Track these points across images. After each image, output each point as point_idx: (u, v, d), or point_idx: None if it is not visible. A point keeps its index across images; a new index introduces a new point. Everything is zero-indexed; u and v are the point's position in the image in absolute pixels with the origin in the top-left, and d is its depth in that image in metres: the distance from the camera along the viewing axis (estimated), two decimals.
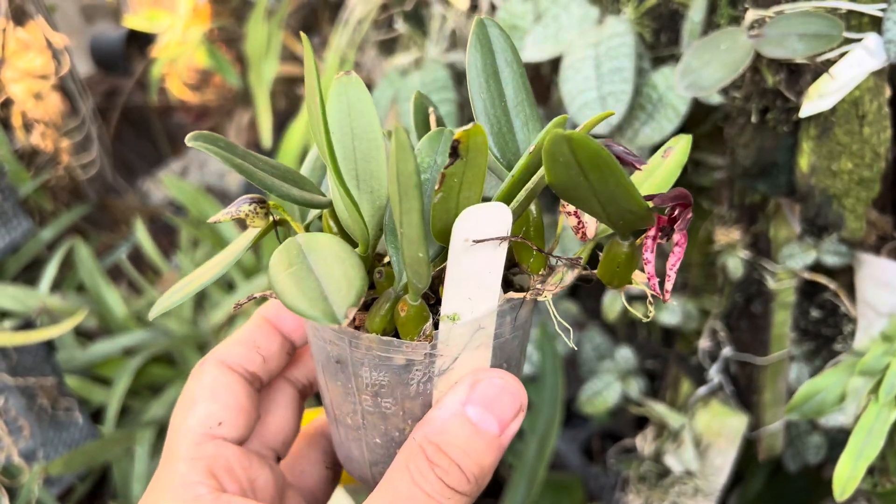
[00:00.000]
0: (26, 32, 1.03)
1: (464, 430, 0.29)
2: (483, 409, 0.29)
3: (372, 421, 0.32)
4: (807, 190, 0.53)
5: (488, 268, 0.29)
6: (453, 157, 0.27)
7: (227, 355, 0.35)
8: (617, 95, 0.60)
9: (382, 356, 0.30)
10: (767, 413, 0.68)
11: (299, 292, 0.26)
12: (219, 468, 0.32)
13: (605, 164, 0.26)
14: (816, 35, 0.46)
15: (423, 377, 0.31)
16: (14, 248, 0.95)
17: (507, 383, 0.30)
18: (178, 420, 0.33)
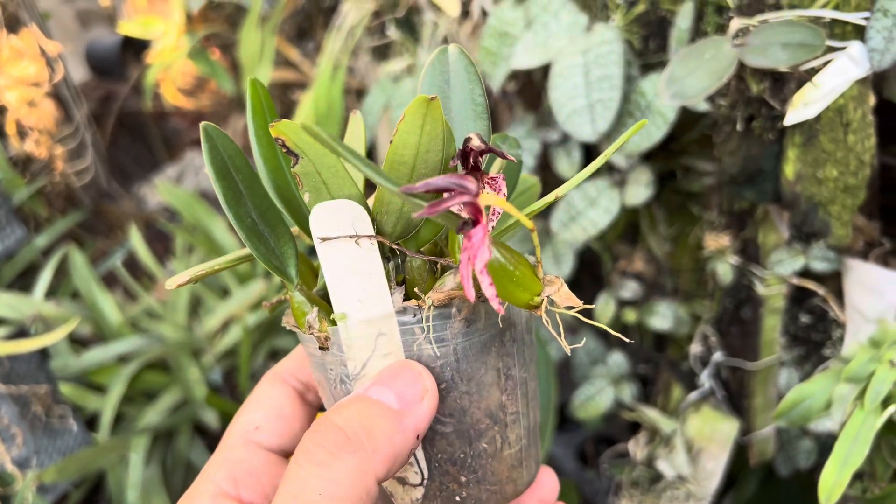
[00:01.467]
0: (20, 40, 1.04)
1: (357, 402, 0.28)
2: (381, 387, 0.29)
3: None
4: (793, 197, 0.53)
5: (365, 268, 0.28)
6: (292, 156, 0.27)
7: (281, 368, 0.36)
8: (605, 103, 0.60)
9: (308, 351, 0.31)
10: (758, 418, 0.69)
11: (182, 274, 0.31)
12: (241, 472, 0.32)
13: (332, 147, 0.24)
14: (799, 44, 0.46)
15: (336, 377, 0.31)
16: (8, 254, 0.95)
17: (409, 364, 0.29)
18: (228, 428, 0.35)
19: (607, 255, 0.82)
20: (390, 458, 0.27)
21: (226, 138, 0.30)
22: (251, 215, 0.30)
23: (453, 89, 0.32)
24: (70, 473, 0.81)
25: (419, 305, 0.29)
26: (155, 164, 1.52)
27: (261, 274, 1.00)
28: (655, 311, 0.76)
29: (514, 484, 0.33)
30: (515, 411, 0.32)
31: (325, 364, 0.31)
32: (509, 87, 0.78)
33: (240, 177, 0.30)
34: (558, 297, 0.28)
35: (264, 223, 0.31)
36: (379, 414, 0.28)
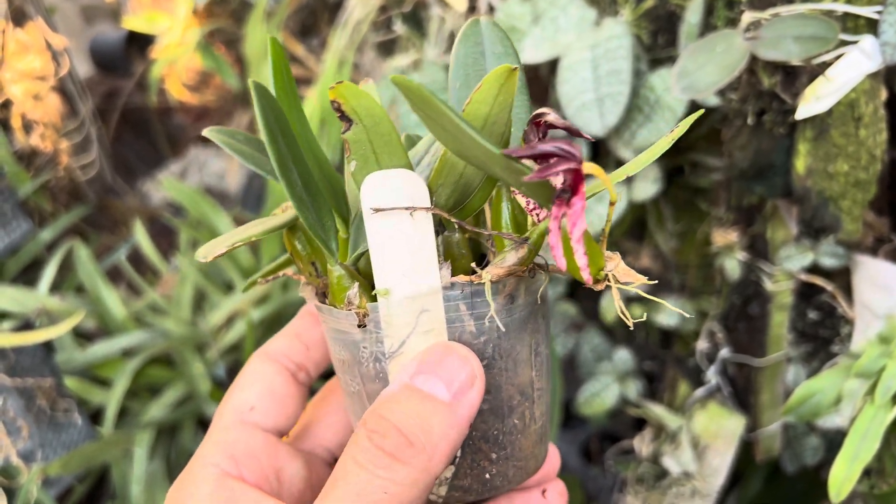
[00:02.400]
0: (26, 34, 1.03)
1: (410, 397, 0.27)
2: (428, 375, 0.28)
3: (350, 404, 0.33)
4: (803, 192, 0.53)
5: (416, 242, 0.27)
6: (345, 121, 0.26)
7: (271, 347, 0.36)
8: (614, 97, 0.60)
9: (337, 329, 0.30)
10: (765, 414, 0.68)
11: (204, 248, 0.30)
12: (240, 452, 0.32)
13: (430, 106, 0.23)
14: (812, 37, 0.46)
15: (370, 356, 0.29)
16: (13, 249, 0.95)
17: (453, 348, 0.28)
18: (219, 409, 0.34)
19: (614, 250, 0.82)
20: (448, 454, 0.27)
21: (274, 100, 0.28)
22: (298, 183, 0.29)
23: (488, 61, 0.31)
24: (74, 467, 0.80)
25: (471, 281, 0.28)
26: (159, 159, 1.52)
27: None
28: (662, 307, 0.76)
29: (536, 459, 0.33)
30: (541, 387, 0.32)
31: (357, 342, 0.30)
32: None
33: (286, 141, 0.28)
34: (618, 273, 0.28)
35: (307, 192, 0.29)
36: (433, 411, 0.27)
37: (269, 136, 0.27)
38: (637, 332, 0.85)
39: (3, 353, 0.80)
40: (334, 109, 0.26)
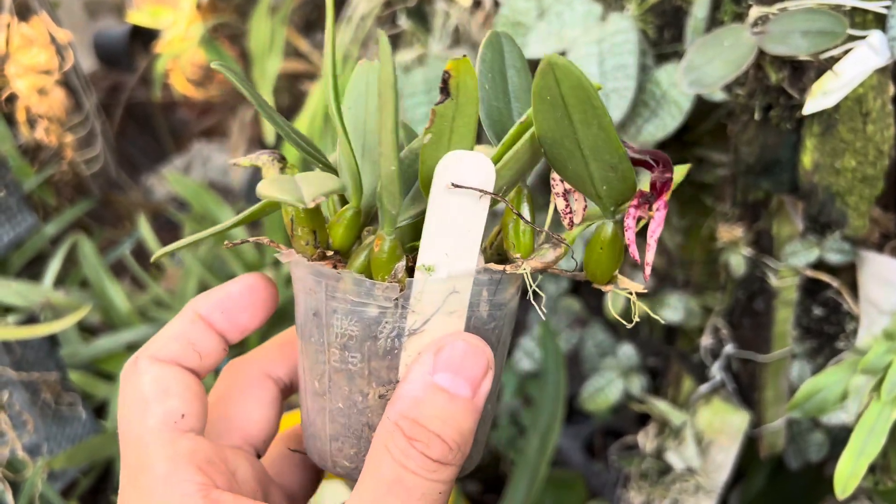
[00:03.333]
0: (30, 28, 1.04)
1: (437, 399, 0.29)
2: (452, 374, 0.29)
3: (337, 381, 0.31)
4: (810, 187, 0.53)
5: (468, 225, 0.28)
6: (444, 93, 0.27)
7: (162, 352, 0.32)
8: (620, 92, 0.60)
9: (355, 301, 0.29)
10: (769, 411, 0.68)
11: (277, 187, 0.27)
12: (202, 462, 0.30)
13: (587, 95, 0.25)
14: (820, 32, 0.46)
15: (392, 331, 0.30)
16: (18, 243, 0.95)
17: (471, 343, 0.29)
18: (133, 426, 0.31)
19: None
20: (472, 443, 0.30)
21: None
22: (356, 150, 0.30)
23: (509, 71, 0.33)
24: (79, 461, 0.81)
25: (503, 269, 0.30)
26: (163, 154, 1.52)
27: (269, 264, 1.00)
28: (666, 303, 0.76)
29: (479, 447, 0.35)
30: (499, 375, 0.34)
31: (375, 317, 0.29)
32: None
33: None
34: (619, 280, 0.31)
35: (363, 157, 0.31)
36: (462, 411, 0.29)
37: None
38: (641, 328, 0.85)
39: (9, 347, 0.81)
40: (442, 80, 0.27)
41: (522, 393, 0.91)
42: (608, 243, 0.30)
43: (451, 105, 0.27)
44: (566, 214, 0.31)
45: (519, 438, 0.91)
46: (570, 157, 0.28)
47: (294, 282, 0.33)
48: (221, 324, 0.34)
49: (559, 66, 0.25)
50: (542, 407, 0.80)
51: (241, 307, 0.34)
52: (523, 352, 0.89)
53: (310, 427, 0.34)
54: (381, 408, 0.31)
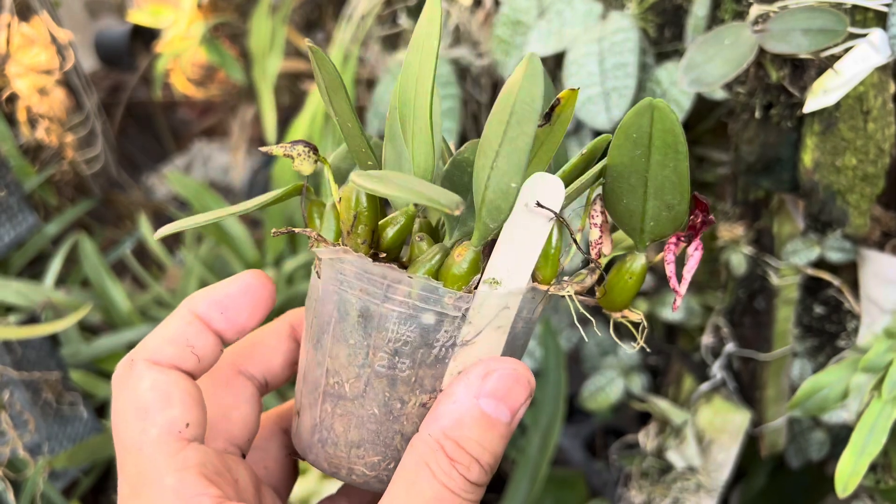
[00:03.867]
0: (31, 27, 1.04)
1: (480, 423, 0.29)
2: (497, 401, 0.29)
3: (377, 387, 0.31)
4: (810, 186, 0.53)
5: (532, 244, 0.29)
6: (547, 119, 0.29)
7: (159, 354, 0.31)
8: (620, 91, 0.60)
9: (418, 306, 0.29)
10: (770, 409, 0.68)
11: (412, 188, 0.26)
12: (211, 474, 0.29)
13: (676, 140, 0.27)
14: (821, 30, 0.45)
15: (448, 340, 0.30)
16: (19, 242, 0.95)
17: (520, 372, 0.30)
18: (132, 435, 0.29)
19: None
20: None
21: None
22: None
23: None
24: (80, 460, 0.81)
25: (548, 289, 0.31)
26: (163, 154, 1.52)
27: (269, 263, 1.00)
28: (667, 301, 0.76)
29: None
30: None
31: (433, 325, 0.30)
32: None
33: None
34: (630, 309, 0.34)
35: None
36: (500, 437, 0.30)
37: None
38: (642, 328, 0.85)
39: (10, 347, 0.81)
40: (551, 106, 0.28)
41: None
42: (637, 274, 0.32)
43: (547, 130, 0.28)
44: (596, 244, 0.32)
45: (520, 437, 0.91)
46: (631, 192, 0.29)
47: (326, 280, 0.31)
48: (220, 324, 0.33)
49: (658, 109, 0.27)
50: (543, 406, 0.80)
51: (241, 307, 0.33)
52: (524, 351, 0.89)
53: (319, 432, 0.33)
54: (417, 417, 0.31)
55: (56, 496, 0.79)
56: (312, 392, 0.33)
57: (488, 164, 0.27)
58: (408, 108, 0.30)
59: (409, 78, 0.30)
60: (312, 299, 0.33)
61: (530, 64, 0.25)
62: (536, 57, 0.25)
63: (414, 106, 0.30)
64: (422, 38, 0.29)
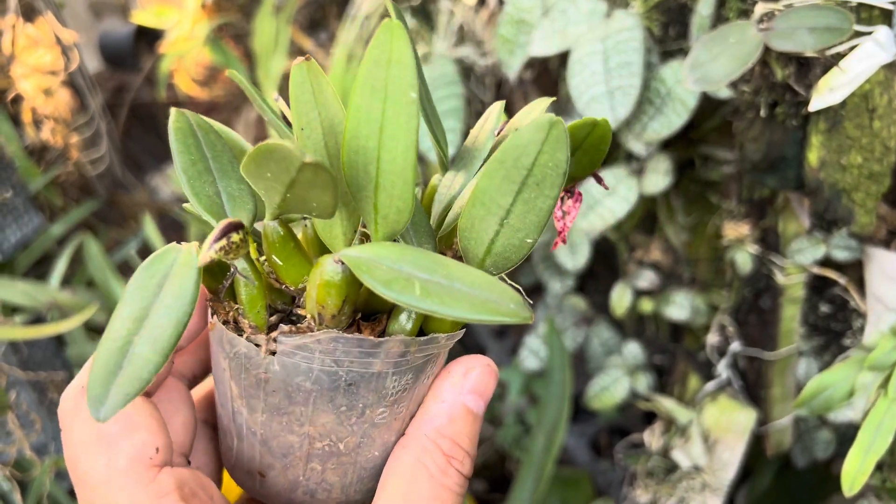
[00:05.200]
0: (35, 29, 1.04)
1: (467, 418, 0.31)
2: (477, 396, 0.31)
3: (375, 435, 0.30)
4: (816, 184, 0.53)
5: None
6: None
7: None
8: (625, 90, 0.60)
9: (417, 357, 0.29)
10: (776, 408, 0.68)
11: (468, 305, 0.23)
12: (189, 496, 0.28)
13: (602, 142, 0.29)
14: (826, 28, 0.45)
15: (434, 367, 0.30)
16: (25, 243, 0.95)
17: (491, 367, 0.31)
18: (96, 468, 0.27)
19: (624, 244, 0.82)
20: None
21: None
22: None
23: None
24: None
25: None
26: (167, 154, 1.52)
27: None
28: (672, 300, 0.76)
29: None
30: None
31: (428, 364, 0.30)
32: (525, 76, 0.77)
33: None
34: None
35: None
36: (478, 430, 0.31)
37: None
38: (647, 326, 0.85)
39: (16, 347, 0.81)
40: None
41: (528, 391, 0.91)
42: None
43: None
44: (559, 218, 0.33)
45: (525, 437, 0.91)
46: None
47: (292, 356, 0.28)
48: None
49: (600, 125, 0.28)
50: (548, 405, 0.80)
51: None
52: (529, 350, 0.89)
53: (306, 486, 0.32)
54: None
55: (62, 496, 0.79)
56: (285, 456, 0.31)
57: (495, 220, 0.26)
58: (364, 157, 0.26)
59: (364, 123, 0.25)
60: (247, 369, 0.29)
61: (554, 129, 0.24)
62: (562, 122, 0.24)
63: (380, 158, 0.25)
64: (387, 82, 0.24)
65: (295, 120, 0.28)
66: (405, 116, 0.24)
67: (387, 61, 0.24)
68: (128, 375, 0.24)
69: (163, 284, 0.26)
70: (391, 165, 0.25)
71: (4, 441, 0.76)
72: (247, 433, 0.31)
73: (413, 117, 0.24)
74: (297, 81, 0.27)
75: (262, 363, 0.28)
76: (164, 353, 0.24)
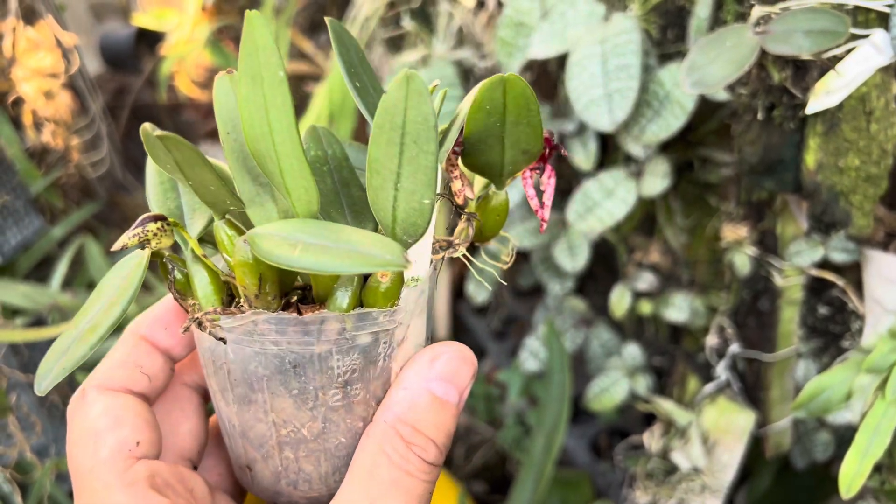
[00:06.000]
0: (36, 31, 1.04)
1: (432, 406, 0.30)
2: (446, 383, 0.31)
3: (337, 418, 0.31)
4: (813, 187, 0.53)
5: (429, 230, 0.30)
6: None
7: (110, 380, 0.31)
8: (623, 92, 0.60)
9: (356, 335, 0.29)
10: (775, 410, 0.68)
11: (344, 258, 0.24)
12: (160, 486, 0.29)
13: (527, 101, 0.28)
14: (823, 31, 0.45)
15: (388, 349, 0.30)
16: (25, 245, 0.96)
17: (464, 354, 0.31)
18: (85, 458, 0.29)
19: (622, 246, 0.82)
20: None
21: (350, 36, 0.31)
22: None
23: None
24: None
25: (443, 258, 0.32)
26: None
27: None
28: (671, 302, 0.76)
29: None
30: (429, 335, 0.36)
31: (371, 344, 0.30)
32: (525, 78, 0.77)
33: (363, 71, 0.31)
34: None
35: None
36: (451, 417, 0.31)
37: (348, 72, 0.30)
38: (646, 328, 0.85)
39: (17, 349, 0.81)
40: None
41: (528, 393, 0.91)
42: (503, 208, 0.34)
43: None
44: (461, 192, 0.33)
45: (525, 438, 0.91)
46: (489, 150, 0.31)
47: (237, 342, 0.29)
48: (165, 341, 0.33)
49: (509, 81, 0.28)
50: (548, 407, 0.80)
51: (183, 319, 0.33)
52: (529, 352, 0.89)
53: (286, 477, 0.32)
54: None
55: (63, 498, 0.79)
56: (261, 447, 0.32)
57: (390, 185, 0.27)
58: (263, 143, 0.27)
59: (254, 111, 0.26)
60: (215, 363, 0.31)
61: (412, 82, 0.25)
62: (417, 76, 0.25)
63: (274, 141, 0.27)
64: (259, 68, 0.26)
65: (221, 127, 0.29)
66: (280, 96, 0.26)
67: (255, 49, 0.26)
68: (70, 355, 0.28)
69: (119, 284, 0.29)
70: (284, 147, 0.26)
71: (5, 443, 0.77)
72: (230, 428, 0.33)
73: (287, 95, 0.26)
74: (220, 91, 0.29)
75: (222, 354, 0.30)
76: (100, 335, 0.27)
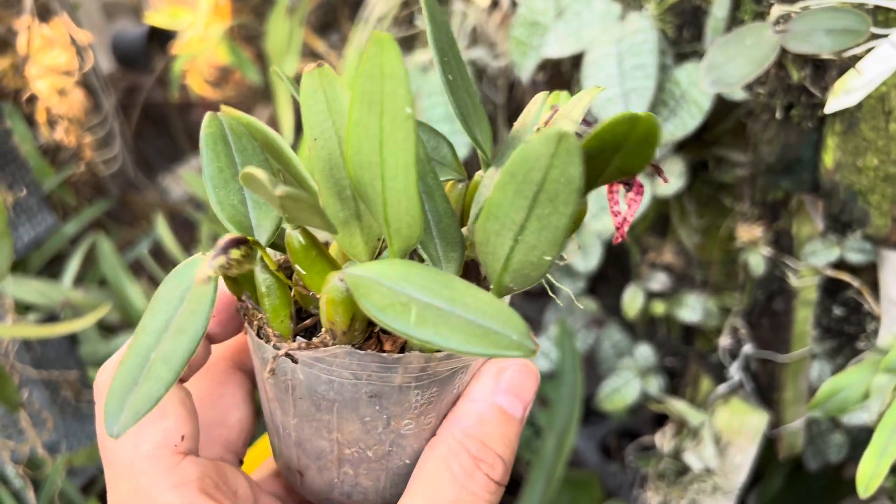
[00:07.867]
0: (50, 29, 1.05)
1: (500, 420, 0.29)
2: (512, 397, 0.29)
3: (405, 444, 0.30)
4: (831, 186, 0.53)
5: None
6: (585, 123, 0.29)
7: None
8: (640, 92, 0.60)
9: (437, 370, 0.28)
10: (788, 411, 0.68)
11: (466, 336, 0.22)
12: (210, 488, 0.28)
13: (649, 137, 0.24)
14: (844, 30, 0.45)
15: (463, 378, 0.29)
16: (38, 242, 0.96)
17: (529, 366, 0.30)
18: (123, 451, 0.27)
19: (636, 246, 0.82)
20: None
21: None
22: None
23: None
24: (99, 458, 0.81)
25: None
26: (179, 154, 1.53)
27: None
28: (684, 303, 0.76)
29: None
30: None
31: (455, 375, 0.29)
32: (538, 78, 0.77)
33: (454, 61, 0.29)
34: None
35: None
36: (516, 433, 0.30)
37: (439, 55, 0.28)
38: (659, 328, 0.85)
39: (29, 346, 0.82)
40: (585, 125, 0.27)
41: (539, 393, 0.91)
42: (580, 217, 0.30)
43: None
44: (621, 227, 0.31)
45: (535, 439, 0.91)
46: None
47: (314, 367, 0.28)
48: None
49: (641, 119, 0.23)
50: (559, 407, 0.80)
51: (228, 303, 0.31)
52: (540, 352, 0.89)
53: (341, 488, 0.31)
54: None
55: (75, 493, 0.80)
56: (318, 459, 0.31)
57: (509, 235, 0.25)
58: (369, 173, 0.25)
59: (364, 139, 0.24)
60: (281, 377, 0.29)
61: (563, 142, 0.21)
62: (571, 136, 0.22)
63: (383, 175, 0.25)
64: (382, 97, 0.23)
65: (307, 130, 0.27)
66: (402, 133, 0.23)
67: (380, 75, 0.23)
68: (142, 392, 0.24)
69: (184, 298, 0.26)
70: (394, 182, 0.24)
71: (17, 439, 0.77)
72: (283, 433, 0.31)
73: (411, 133, 0.23)
74: (308, 90, 0.27)
75: (289, 370, 0.28)
76: (176, 372, 0.24)
